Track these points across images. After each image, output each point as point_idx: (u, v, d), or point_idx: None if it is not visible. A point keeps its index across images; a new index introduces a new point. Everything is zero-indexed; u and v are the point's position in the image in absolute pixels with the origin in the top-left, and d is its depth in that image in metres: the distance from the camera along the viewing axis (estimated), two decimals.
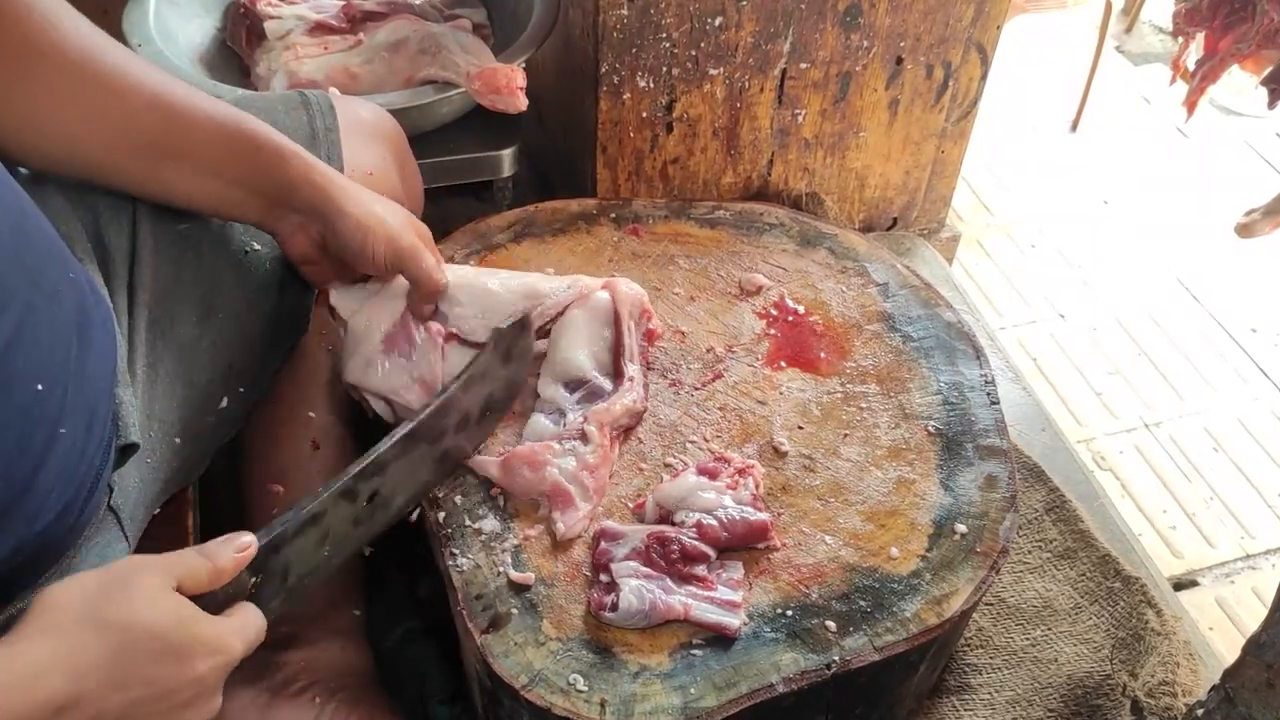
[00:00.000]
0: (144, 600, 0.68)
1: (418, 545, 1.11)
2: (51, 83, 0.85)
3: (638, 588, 0.96)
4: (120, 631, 0.66)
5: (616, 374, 1.13)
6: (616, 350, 1.14)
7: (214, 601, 0.76)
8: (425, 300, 1.08)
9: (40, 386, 0.72)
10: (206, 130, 0.92)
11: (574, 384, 1.12)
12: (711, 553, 1.00)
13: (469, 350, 1.09)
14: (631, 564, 0.98)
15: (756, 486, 1.06)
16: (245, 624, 0.77)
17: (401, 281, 1.09)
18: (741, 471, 1.07)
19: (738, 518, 1.02)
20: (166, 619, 0.68)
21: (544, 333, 1.15)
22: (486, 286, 1.12)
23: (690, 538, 1.00)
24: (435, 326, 1.10)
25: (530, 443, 1.07)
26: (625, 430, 1.13)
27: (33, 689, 0.62)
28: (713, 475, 1.05)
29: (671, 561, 0.98)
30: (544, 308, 1.13)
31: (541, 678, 0.92)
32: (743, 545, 1.03)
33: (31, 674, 0.63)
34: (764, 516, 1.03)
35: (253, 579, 0.81)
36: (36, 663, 0.63)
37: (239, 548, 0.78)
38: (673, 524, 1.03)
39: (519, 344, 1.09)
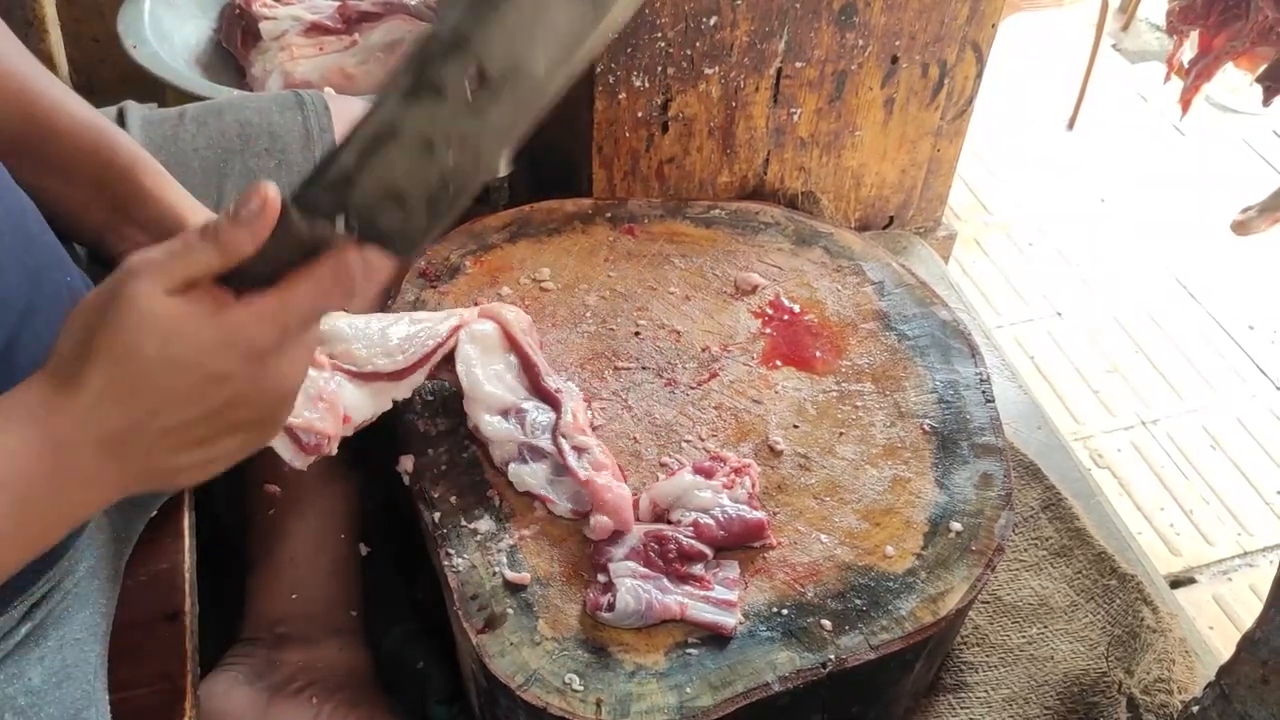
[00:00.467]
0: (127, 318, 0.61)
1: (415, 545, 1.11)
2: None
3: (634, 587, 0.96)
4: (109, 358, 0.62)
5: (542, 394, 1.11)
6: (531, 373, 1.12)
7: (279, 266, 0.64)
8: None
9: None
10: (63, 123, 0.87)
11: (509, 411, 1.10)
12: (708, 552, 1.01)
13: (363, 383, 1.02)
14: (629, 564, 0.98)
15: (753, 485, 1.06)
16: (281, 299, 0.64)
17: None
18: (738, 470, 1.07)
19: (734, 516, 1.02)
20: (148, 332, 0.61)
21: (438, 371, 1.10)
22: (368, 321, 1.06)
23: (687, 537, 1.00)
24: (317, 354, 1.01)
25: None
26: None
27: (40, 422, 0.61)
28: (709, 474, 1.05)
29: (669, 560, 0.99)
30: (423, 338, 1.07)
31: (537, 677, 0.92)
32: (739, 544, 1.03)
33: (40, 410, 0.62)
34: (760, 515, 1.04)
35: (341, 223, 0.66)
36: (43, 400, 0.62)
37: (250, 206, 0.63)
38: (669, 523, 1.03)
39: None
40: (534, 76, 0.68)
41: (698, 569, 0.99)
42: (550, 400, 1.10)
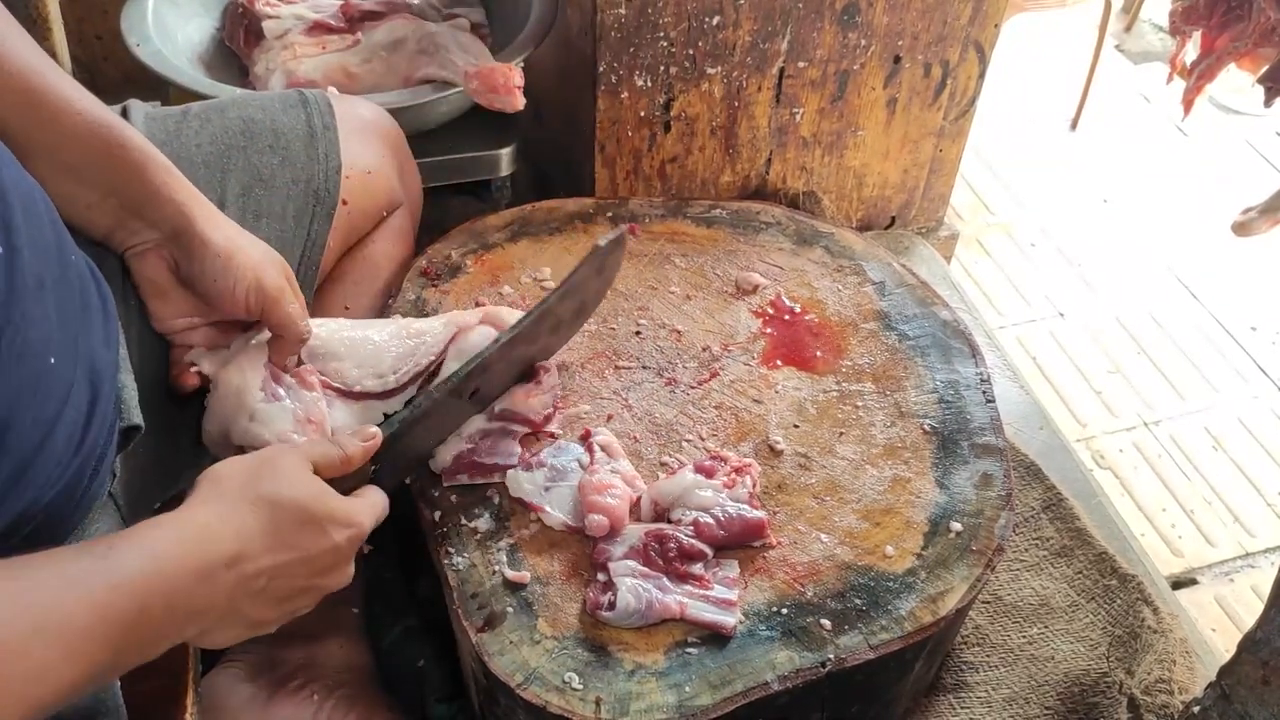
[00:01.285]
0: (289, 478, 0.79)
1: (416, 544, 1.11)
2: None
3: (634, 587, 0.96)
4: (271, 503, 0.77)
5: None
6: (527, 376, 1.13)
7: (342, 485, 0.86)
8: (287, 351, 1.00)
9: (52, 359, 0.73)
10: (72, 121, 0.87)
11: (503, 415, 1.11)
12: (709, 551, 1.01)
13: (353, 401, 1.04)
14: (629, 563, 0.98)
15: (753, 485, 1.06)
16: (373, 503, 0.88)
17: (264, 333, 0.99)
18: (738, 470, 1.07)
19: (734, 516, 1.02)
20: (309, 495, 0.79)
21: (428, 380, 1.10)
22: (364, 335, 1.07)
23: (688, 536, 1.00)
24: (306, 367, 1.03)
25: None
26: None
27: (208, 544, 0.73)
28: (709, 473, 1.06)
29: (669, 560, 0.99)
30: (417, 357, 1.08)
31: (537, 676, 0.92)
32: (739, 543, 1.03)
33: (206, 532, 0.73)
34: (760, 514, 1.04)
35: (373, 466, 0.91)
36: (209, 525, 0.74)
37: (366, 438, 0.89)
38: (669, 522, 1.03)
39: (612, 257, 1.15)
40: (489, 399, 1.10)
41: (697, 568, 0.99)
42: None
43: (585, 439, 1.09)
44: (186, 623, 0.72)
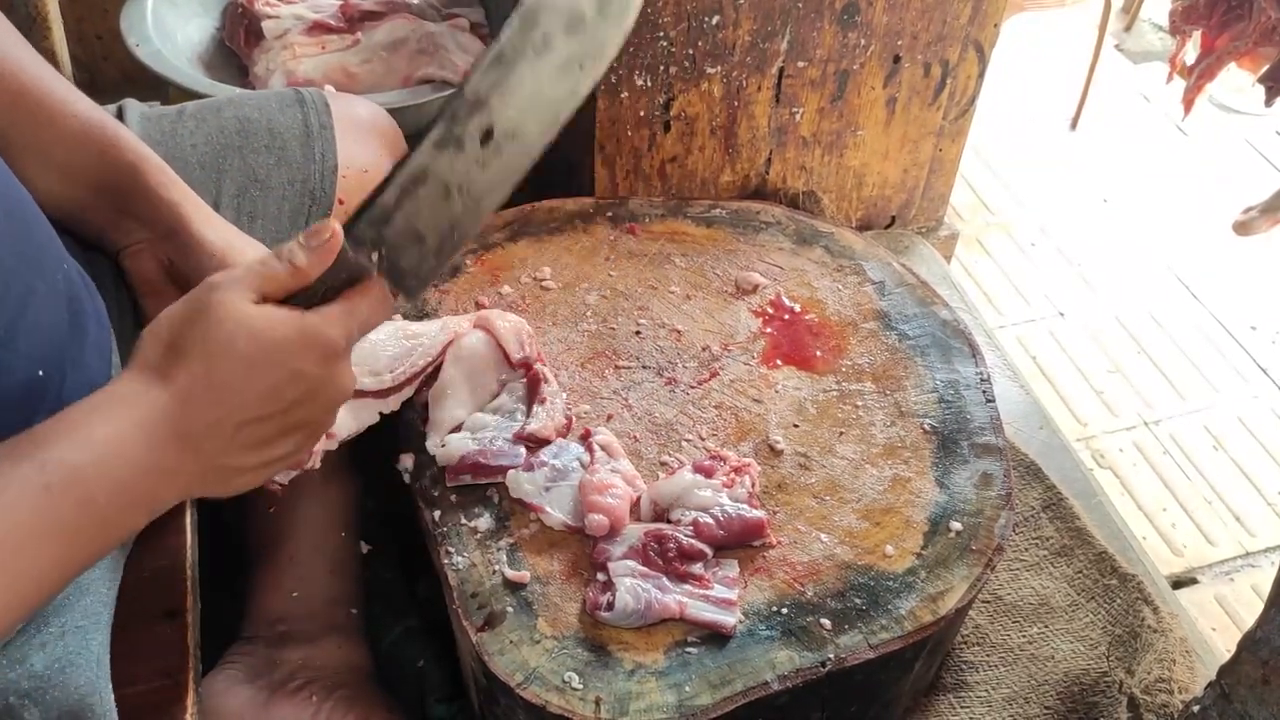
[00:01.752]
0: (221, 320, 0.69)
1: (415, 544, 1.11)
2: None
3: (633, 587, 0.96)
4: (205, 355, 0.68)
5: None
6: (532, 388, 1.11)
7: (325, 291, 0.75)
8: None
9: (41, 372, 0.72)
10: (65, 122, 0.87)
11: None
12: (708, 551, 1.01)
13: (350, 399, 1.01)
14: (629, 563, 0.98)
15: (752, 484, 1.06)
16: (345, 308, 0.75)
17: None
18: (737, 469, 1.07)
19: (734, 515, 1.02)
20: (241, 333, 0.69)
21: (425, 384, 1.09)
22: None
23: (687, 535, 1.00)
24: None
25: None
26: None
27: (142, 412, 0.66)
28: (708, 473, 1.06)
29: (669, 560, 0.99)
30: (414, 358, 1.06)
31: (537, 676, 0.92)
32: (739, 543, 1.03)
33: (138, 401, 0.66)
34: (760, 514, 1.04)
35: (375, 255, 0.78)
36: (140, 393, 0.67)
37: (314, 236, 0.74)
38: (668, 522, 1.03)
39: None
40: (526, 138, 0.84)
41: (697, 568, 0.99)
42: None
43: (585, 439, 1.09)
44: (151, 497, 0.68)
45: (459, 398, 1.10)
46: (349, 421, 1.02)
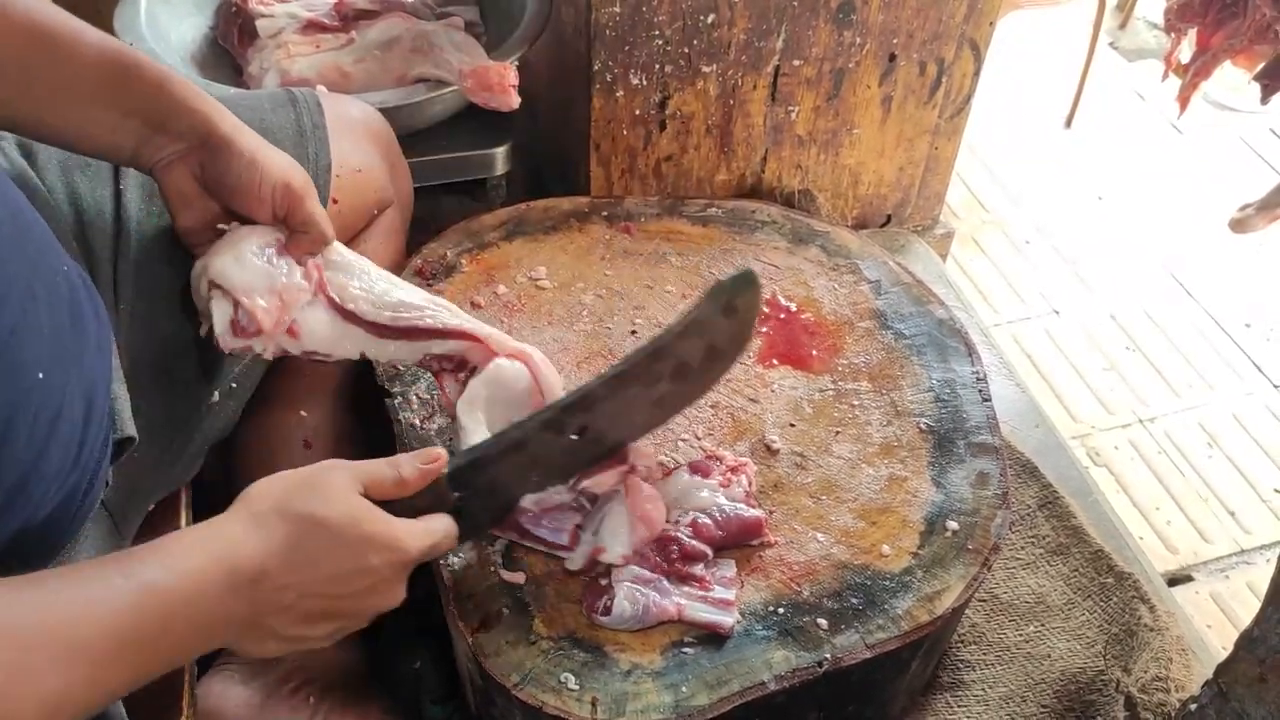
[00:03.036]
0: (328, 498, 0.77)
1: None
2: None
3: (631, 593, 0.95)
4: (303, 522, 0.75)
5: None
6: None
7: (411, 508, 0.84)
8: (306, 249, 0.98)
9: (41, 374, 0.72)
10: (82, 53, 0.87)
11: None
12: (708, 552, 1.00)
13: (338, 316, 1.00)
14: (630, 567, 0.98)
15: (749, 484, 1.06)
16: (427, 529, 0.83)
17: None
18: (734, 469, 1.06)
19: (731, 515, 1.02)
20: (343, 516, 0.77)
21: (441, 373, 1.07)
22: (383, 273, 1.04)
23: (687, 536, 1.00)
24: (315, 262, 0.99)
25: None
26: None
27: (233, 558, 0.72)
28: (705, 473, 1.05)
29: (671, 561, 0.98)
30: (423, 315, 1.03)
31: (533, 677, 0.92)
32: (737, 543, 1.03)
33: (232, 547, 0.72)
34: (758, 513, 1.03)
35: (455, 494, 0.88)
36: (235, 539, 0.73)
37: (426, 460, 0.85)
38: (667, 522, 1.02)
39: (743, 297, 0.96)
40: (604, 442, 0.98)
41: (698, 569, 0.99)
42: None
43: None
44: (211, 636, 0.72)
45: (482, 418, 1.07)
46: (323, 336, 1.00)
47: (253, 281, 0.94)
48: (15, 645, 0.60)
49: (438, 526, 0.85)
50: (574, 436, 0.95)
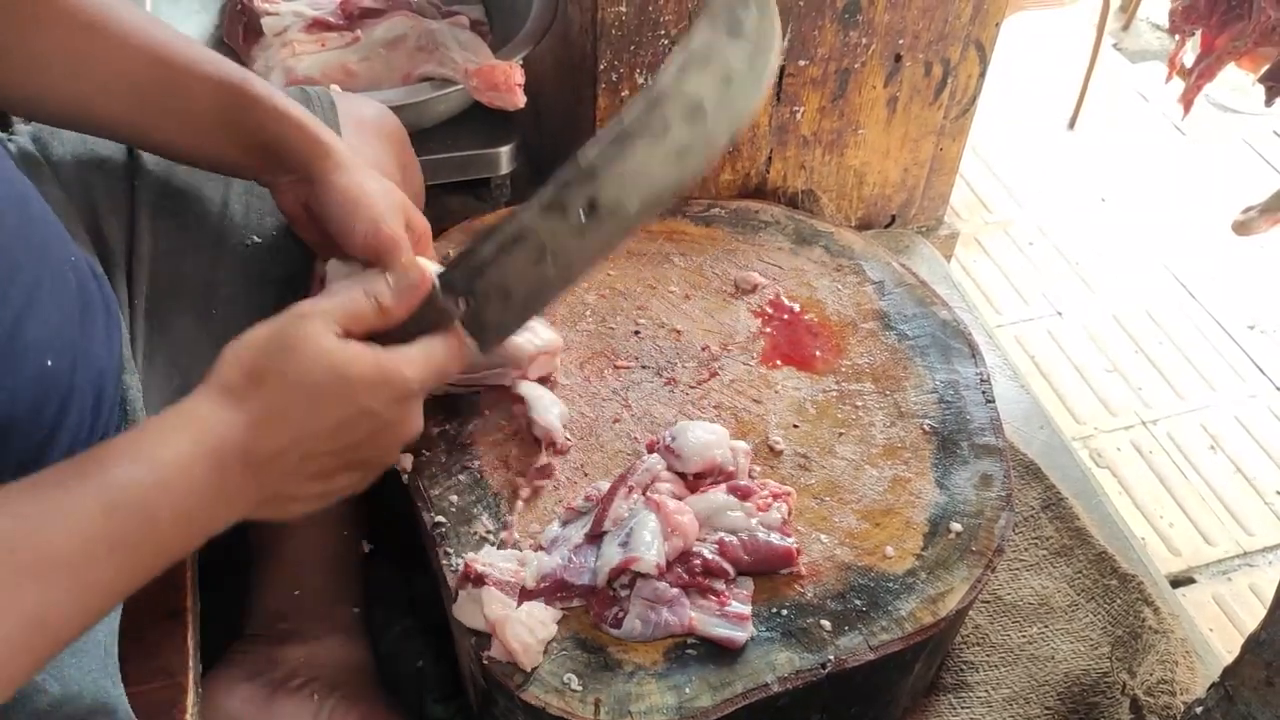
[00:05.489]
0: (302, 352, 0.72)
1: (414, 543, 1.11)
2: (61, 40, 0.85)
3: (644, 612, 0.94)
4: (279, 383, 0.71)
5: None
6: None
7: (411, 332, 0.78)
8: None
9: (50, 362, 0.73)
10: (205, 87, 0.90)
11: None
12: (731, 571, 0.99)
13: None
14: (651, 582, 0.96)
15: (788, 512, 1.03)
16: (425, 352, 0.78)
17: None
18: (775, 495, 1.03)
19: (761, 542, 1.00)
20: (322, 365, 0.72)
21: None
22: None
23: (711, 553, 0.98)
24: None
25: None
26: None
27: (212, 436, 0.68)
28: (745, 495, 1.02)
29: (693, 575, 0.97)
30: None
31: (536, 677, 0.92)
32: (764, 570, 1.00)
33: (208, 425, 0.68)
34: (790, 543, 1.00)
35: (462, 305, 0.81)
36: (210, 416, 0.69)
37: (408, 282, 0.79)
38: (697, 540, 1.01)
39: (747, 11, 0.84)
40: (625, 215, 0.85)
41: (718, 585, 0.98)
42: None
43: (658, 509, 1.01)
44: (210, 520, 0.69)
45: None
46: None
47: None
48: None
49: (437, 346, 0.80)
50: (581, 215, 0.84)
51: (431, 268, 0.84)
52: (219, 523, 0.70)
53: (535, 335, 1.11)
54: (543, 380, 1.10)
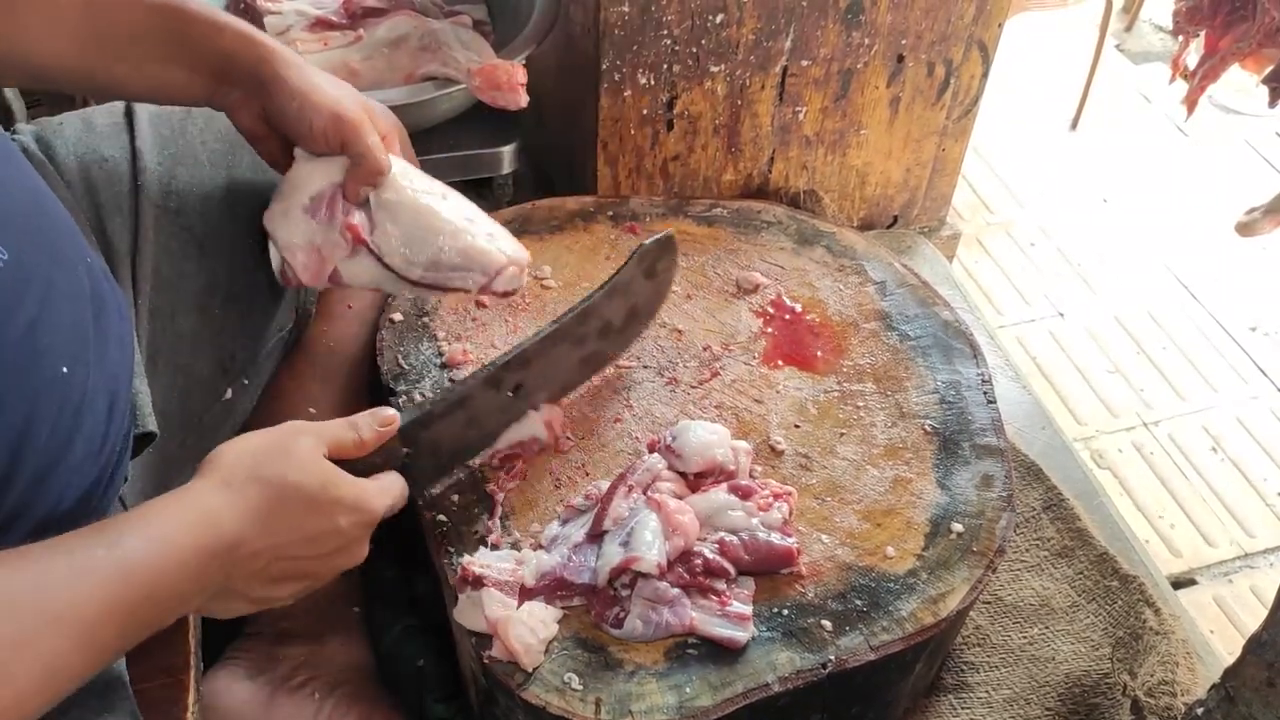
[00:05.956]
0: (297, 462, 0.79)
1: (415, 543, 1.11)
2: None
3: (645, 612, 0.94)
4: (276, 487, 0.77)
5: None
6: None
7: (367, 466, 0.87)
8: (362, 181, 1.00)
9: (65, 369, 0.73)
10: (138, 16, 0.92)
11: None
12: (732, 570, 0.99)
13: (375, 264, 1.04)
14: (652, 583, 0.96)
15: (789, 512, 1.03)
16: (386, 487, 0.88)
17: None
18: (776, 495, 1.03)
19: (762, 541, 1.00)
20: (314, 479, 0.79)
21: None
22: (430, 214, 1.04)
23: (713, 553, 0.98)
24: (357, 220, 1.02)
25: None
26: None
27: (212, 527, 0.73)
28: (746, 495, 1.03)
29: (694, 575, 0.97)
30: (451, 273, 1.05)
31: (536, 677, 0.92)
32: (765, 570, 1.00)
33: (210, 516, 0.74)
34: (791, 543, 1.00)
35: (405, 451, 0.92)
36: (212, 508, 0.74)
37: (382, 421, 0.89)
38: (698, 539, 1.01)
39: (662, 261, 1.13)
40: (536, 398, 1.07)
41: (719, 584, 0.98)
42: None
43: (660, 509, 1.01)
44: (186, 602, 0.73)
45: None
46: (370, 279, 1.05)
47: (292, 237, 1.01)
48: (11, 616, 0.61)
49: (394, 484, 0.89)
50: (509, 394, 1.03)
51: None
52: (188, 606, 0.75)
53: (502, 246, 1.08)
54: (507, 294, 1.09)
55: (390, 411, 0.90)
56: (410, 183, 1.04)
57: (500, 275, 1.06)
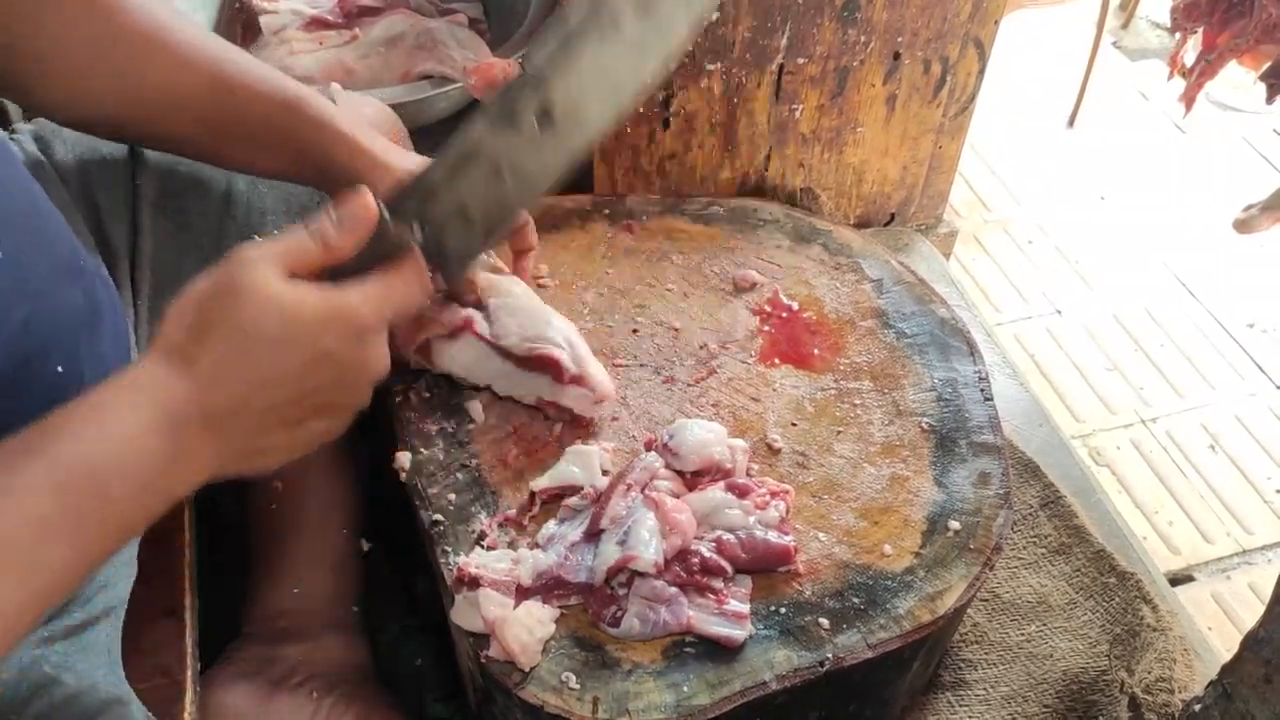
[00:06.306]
0: (246, 300, 0.67)
1: (414, 543, 1.11)
2: (123, 61, 0.86)
3: (643, 611, 0.94)
4: (225, 337, 0.67)
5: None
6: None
7: (364, 266, 0.73)
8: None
9: (60, 368, 0.72)
10: (260, 107, 0.92)
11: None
12: (729, 569, 0.98)
13: (488, 350, 1.06)
14: (650, 581, 0.96)
15: (786, 510, 1.03)
16: (379, 284, 0.74)
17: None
18: (773, 493, 1.03)
19: (759, 540, 0.99)
20: (270, 313, 0.68)
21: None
22: (546, 318, 1.08)
23: (710, 552, 0.98)
24: (473, 316, 1.05)
25: None
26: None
27: (162, 396, 0.65)
28: (743, 493, 1.02)
29: (691, 573, 0.97)
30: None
31: (534, 675, 0.92)
32: (762, 568, 1.00)
33: (156, 385, 0.65)
34: (788, 541, 1.00)
35: (417, 231, 0.77)
36: (158, 375, 0.66)
37: (350, 212, 0.74)
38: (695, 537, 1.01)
39: None
40: (586, 120, 0.82)
41: (716, 583, 0.98)
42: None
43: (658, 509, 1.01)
44: (171, 487, 0.66)
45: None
46: (462, 364, 1.06)
47: None
48: None
49: (392, 277, 0.75)
50: (536, 125, 0.81)
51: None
52: (183, 487, 0.68)
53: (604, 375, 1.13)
54: (575, 417, 1.12)
55: (360, 191, 0.75)
56: (526, 291, 1.08)
57: (596, 397, 1.09)
